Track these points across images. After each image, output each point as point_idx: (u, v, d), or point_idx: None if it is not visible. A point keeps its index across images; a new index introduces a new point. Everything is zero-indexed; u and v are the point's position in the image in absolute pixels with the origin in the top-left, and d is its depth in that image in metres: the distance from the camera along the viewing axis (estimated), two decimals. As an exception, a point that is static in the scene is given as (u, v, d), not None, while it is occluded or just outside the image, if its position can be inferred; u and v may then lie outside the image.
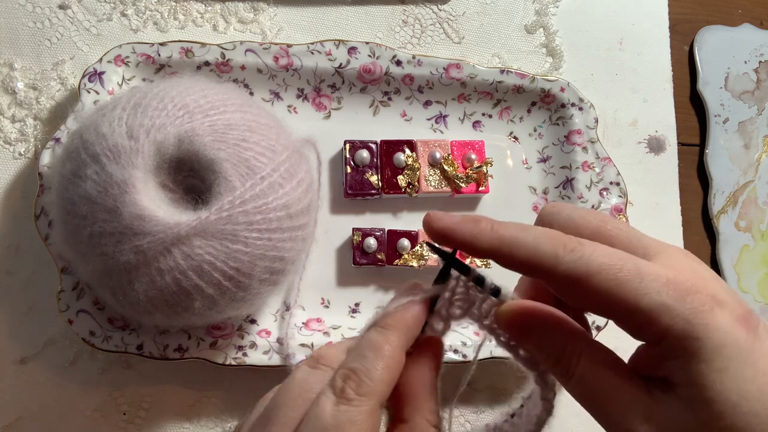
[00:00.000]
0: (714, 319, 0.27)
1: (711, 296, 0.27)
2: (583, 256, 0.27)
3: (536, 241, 0.28)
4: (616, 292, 0.27)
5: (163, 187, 0.41)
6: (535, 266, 0.28)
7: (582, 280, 0.27)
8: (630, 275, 0.27)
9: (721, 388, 0.26)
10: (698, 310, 0.27)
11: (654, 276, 0.27)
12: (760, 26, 0.61)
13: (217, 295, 0.40)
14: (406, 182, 0.52)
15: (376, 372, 0.27)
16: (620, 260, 0.27)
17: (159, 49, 0.50)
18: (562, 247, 0.28)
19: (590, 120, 0.54)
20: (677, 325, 0.26)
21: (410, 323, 0.29)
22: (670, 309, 0.26)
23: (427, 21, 0.56)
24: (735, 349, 0.26)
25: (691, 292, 0.27)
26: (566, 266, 0.27)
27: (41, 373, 0.49)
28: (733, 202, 0.58)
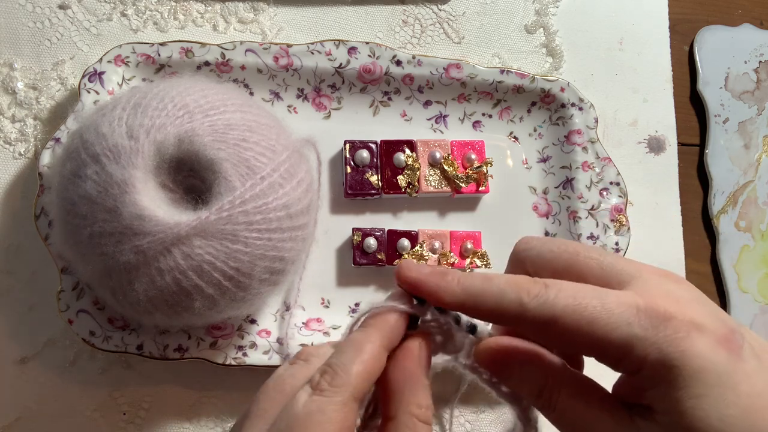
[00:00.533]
0: (691, 345, 0.26)
1: (688, 321, 0.27)
2: (547, 301, 0.27)
3: (500, 290, 0.28)
4: (585, 330, 0.27)
5: (163, 187, 0.41)
6: (502, 316, 0.28)
7: (549, 324, 0.27)
8: (596, 312, 0.27)
9: (702, 415, 0.26)
10: (672, 337, 0.26)
11: (624, 308, 0.27)
12: (760, 26, 0.61)
13: (217, 295, 0.40)
14: (406, 182, 0.52)
15: (351, 366, 0.28)
16: (584, 298, 0.27)
17: (159, 49, 0.50)
18: (525, 294, 0.28)
19: (590, 120, 0.54)
20: (651, 355, 0.26)
21: (392, 324, 0.30)
22: (642, 339, 0.26)
23: (427, 21, 0.56)
24: (714, 375, 0.26)
25: (664, 319, 0.27)
26: (532, 313, 0.27)
27: (41, 373, 0.49)
28: (733, 202, 0.58)
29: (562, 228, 0.54)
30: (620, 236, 0.53)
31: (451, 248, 0.52)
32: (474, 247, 0.52)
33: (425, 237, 0.52)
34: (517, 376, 0.30)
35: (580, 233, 0.53)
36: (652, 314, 0.27)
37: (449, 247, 0.52)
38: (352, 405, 0.27)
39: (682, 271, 0.57)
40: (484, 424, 0.52)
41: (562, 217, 0.54)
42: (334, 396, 0.27)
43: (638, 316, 0.27)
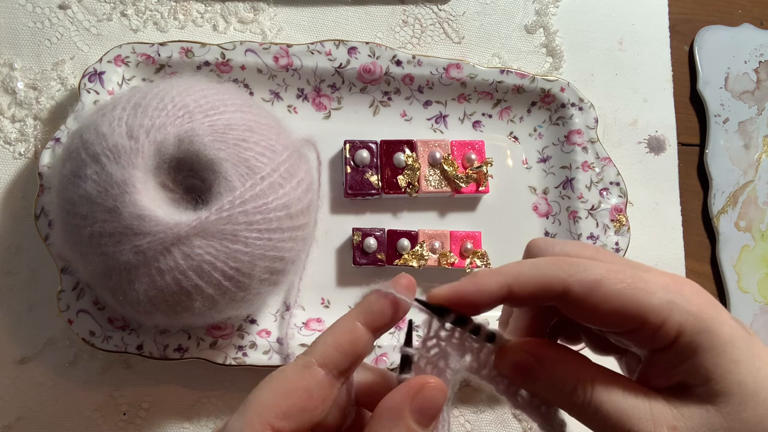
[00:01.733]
0: (719, 314, 0.28)
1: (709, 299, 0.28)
2: (587, 268, 0.28)
3: (539, 268, 0.28)
4: (627, 294, 0.27)
5: (163, 187, 0.41)
6: (547, 292, 0.28)
7: (593, 288, 0.27)
8: (635, 278, 0.28)
9: (739, 379, 0.27)
10: (704, 307, 0.27)
11: (656, 279, 0.28)
12: (760, 26, 0.61)
13: (217, 295, 0.40)
14: (406, 182, 0.52)
15: (321, 336, 0.29)
16: (622, 267, 0.28)
17: (159, 49, 0.50)
18: (564, 263, 0.28)
19: (590, 120, 0.54)
20: (689, 321, 0.27)
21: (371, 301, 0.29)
22: (679, 306, 0.27)
23: (427, 21, 0.56)
24: (744, 342, 0.27)
25: (693, 292, 0.28)
26: (574, 278, 0.27)
27: (41, 373, 0.49)
28: (733, 202, 0.58)
29: (562, 228, 0.54)
30: (620, 236, 0.53)
31: (451, 248, 0.52)
32: (474, 247, 0.52)
33: (425, 237, 0.52)
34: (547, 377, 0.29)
35: (580, 233, 0.53)
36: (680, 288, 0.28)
37: (449, 247, 0.52)
38: (314, 369, 0.28)
39: (682, 271, 0.57)
40: (484, 424, 0.52)
41: (562, 217, 0.54)
42: (297, 360, 0.28)
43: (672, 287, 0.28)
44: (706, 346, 0.27)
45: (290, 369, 0.28)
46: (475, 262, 0.52)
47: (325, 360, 0.28)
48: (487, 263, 0.52)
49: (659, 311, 0.27)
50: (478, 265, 0.52)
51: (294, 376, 0.27)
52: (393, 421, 0.27)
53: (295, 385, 0.27)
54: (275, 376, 0.28)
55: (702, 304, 0.27)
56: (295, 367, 0.28)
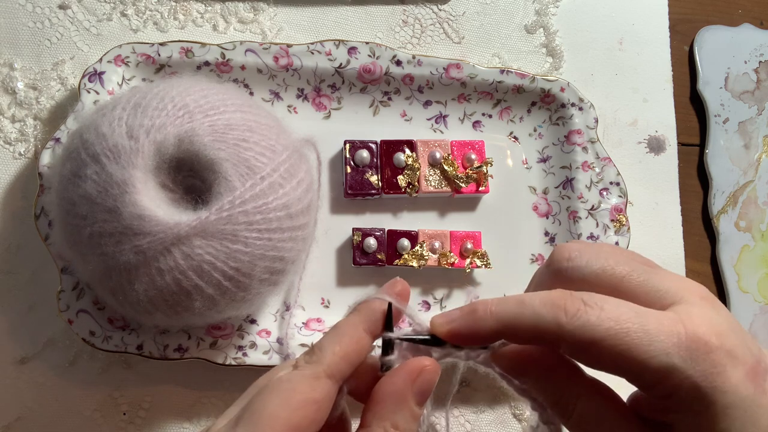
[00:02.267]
0: (724, 382, 0.26)
1: (725, 353, 0.27)
2: (587, 323, 0.27)
3: (536, 314, 0.28)
4: (625, 355, 0.27)
5: (163, 187, 0.41)
6: (540, 338, 0.28)
7: (588, 346, 0.27)
8: (637, 338, 0.27)
9: None
10: (709, 372, 0.26)
11: (664, 335, 0.27)
12: (760, 26, 0.61)
13: (217, 295, 0.40)
14: (406, 182, 0.52)
15: (328, 345, 0.29)
16: (627, 322, 0.27)
17: (159, 49, 0.50)
18: (563, 314, 0.27)
19: (590, 120, 0.54)
20: (686, 386, 0.26)
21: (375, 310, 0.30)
22: (680, 370, 0.26)
23: (427, 21, 0.56)
24: (741, 410, 0.27)
25: (704, 351, 0.27)
26: (570, 334, 0.27)
27: (41, 373, 0.49)
28: (733, 202, 0.58)
29: (562, 228, 0.54)
30: (620, 236, 0.53)
31: (451, 248, 0.52)
32: (474, 247, 0.52)
33: (425, 237, 0.52)
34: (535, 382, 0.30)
35: (580, 233, 0.53)
36: (692, 345, 0.27)
37: (449, 247, 0.52)
38: (323, 380, 0.28)
39: (682, 271, 0.57)
40: (484, 424, 0.52)
41: (562, 217, 0.54)
42: (304, 370, 0.28)
43: (678, 347, 0.26)
44: (698, 411, 0.27)
45: (299, 380, 0.28)
46: (475, 262, 0.52)
47: (333, 370, 0.28)
48: (487, 263, 0.52)
49: (656, 373, 0.27)
50: (478, 265, 0.52)
51: (304, 388, 0.27)
52: (396, 405, 0.28)
53: (306, 397, 0.27)
54: (284, 387, 0.27)
55: (707, 370, 0.26)
56: (305, 378, 0.28)
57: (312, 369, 0.28)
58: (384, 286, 0.32)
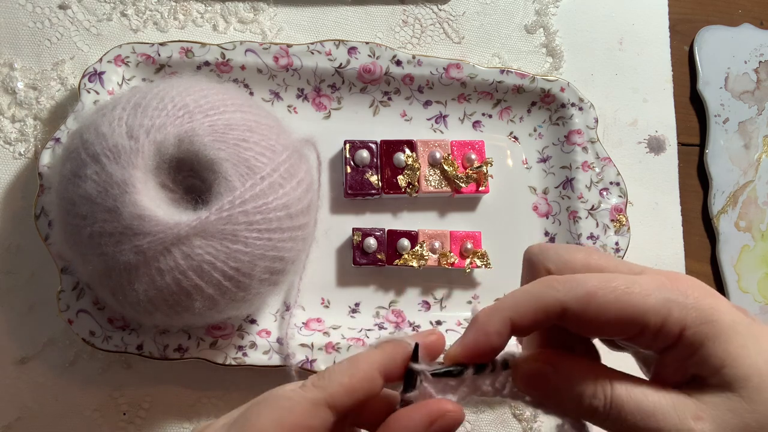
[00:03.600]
0: (718, 303, 0.28)
1: (707, 290, 0.28)
2: (578, 282, 0.28)
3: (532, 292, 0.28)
4: (623, 300, 0.27)
5: (163, 187, 0.41)
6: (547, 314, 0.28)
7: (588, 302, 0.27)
8: (627, 284, 0.28)
9: (750, 362, 0.27)
10: (702, 298, 0.28)
11: (650, 280, 0.28)
12: (760, 26, 0.61)
13: (217, 295, 0.40)
14: (406, 182, 0.52)
15: (338, 375, 0.28)
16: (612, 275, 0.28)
17: (159, 49, 0.50)
18: (556, 283, 0.28)
19: (590, 120, 0.54)
20: (690, 315, 0.27)
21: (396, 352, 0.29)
22: (677, 302, 0.27)
23: (427, 21, 0.56)
24: (746, 327, 0.28)
25: (688, 285, 0.28)
26: (569, 295, 0.27)
27: (41, 373, 0.49)
28: (733, 202, 0.58)
29: (562, 228, 0.54)
30: (620, 236, 0.53)
31: (451, 248, 0.52)
32: (474, 247, 0.52)
33: (425, 237, 0.52)
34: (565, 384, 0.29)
35: (580, 233, 0.53)
36: (675, 284, 0.28)
37: (449, 247, 0.52)
38: (322, 408, 0.27)
39: (682, 271, 0.57)
40: (484, 424, 0.52)
41: (562, 217, 0.54)
42: (307, 393, 0.27)
43: (665, 285, 0.28)
44: (711, 336, 0.27)
45: (299, 401, 0.27)
46: (475, 262, 0.52)
47: (335, 402, 0.27)
48: (487, 263, 0.52)
49: (658, 311, 0.27)
50: (478, 265, 0.52)
51: (301, 411, 0.27)
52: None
53: (300, 421, 0.27)
54: (281, 404, 0.27)
55: (699, 297, 0.28)
56: (304, 401, 0.27)
57: (315, 394, 0.27)
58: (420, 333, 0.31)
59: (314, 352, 0.49)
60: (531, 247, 0.33)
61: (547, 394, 0.29)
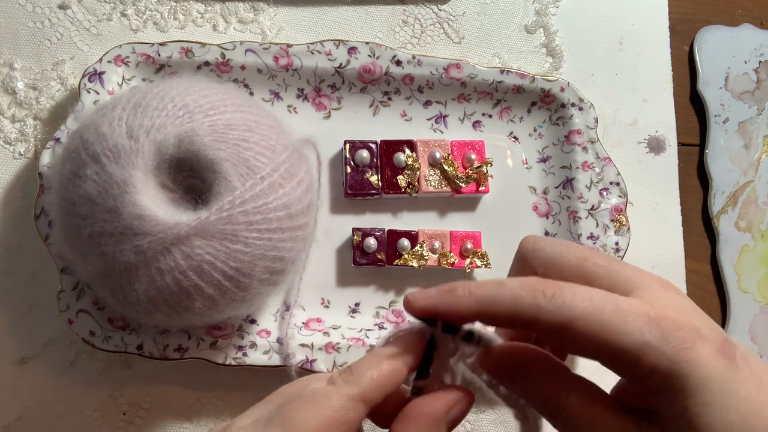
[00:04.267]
0: (697, 355, 0.27)
1: (693, 330, 0.28)
2: (564, 303, 0.28)
3: (514, 294, 0.28)
4: (600, 335, 0.27)
5: (163, 187, 0.41)
6: (518, 320, 0.28)
7: (565, 326, 0.27)
8: (612, 317, 0.27)
9: (707, 421, 0.27)
10: (681, 347, 0.27)
11: (635, 314, 0.27)
12: (760, 26, 0.61)
13: (217, 295, 0.40)
14: (406, 182, 0.52)
15: (366, 370, 0.29)
16: (600, 302, 0.28)
17: (159, 49, 0.50)
18: (541, 296, 0.28)
19: (590, 120, 0.54)
20: (662, 364, 0.27)
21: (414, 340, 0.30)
22: (654, 348, 0.27)
23: (427, 21, 0.56)
24: (717, 383, 0.27)
25: (673, 329, 0.27)
26: (548, 315, 0.28)
27: (41, 373, 0.49)
28: (733, 202, 0.58)
29: (562, 228, 0.54)
30: (620, 236, 0.53)
31: (451, 248, 0.52)
32: (474, 247, 0.52)
33: (425, 237, 0.52)
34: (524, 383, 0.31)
35: (580, 233, 0.53)
36: (661, 323, 0.27)
37: (449, 247, 0.52)
38: (356, 403, 0.28)
39: (682, 271, 0.57)
40: (484, 424, 0.52)
41: (562, 217, 0.54)
42: (340, 388, 0.28)
43: (650, 325, 0.27)
44: (676, 388, 0.27)
45: (336, 397, 0.28)
46: (475, 262, 0.52)
47: (368, 397, 0.29)
48: (487, 263, 0.52)
49: (632, 352, 0.27)
50: (478, 265, 0.52)
51: (339, 406, 0.28)
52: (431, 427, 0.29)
53: (340, 417, 0.28)
54: (320, 401, 0.28)
55: (679, 345, 0.27)
56: (341, 396, 0.28)
57: (349, 390, 0.28)
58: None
59: (314, 352, 0.49)
60: (525, 240, 0.33)
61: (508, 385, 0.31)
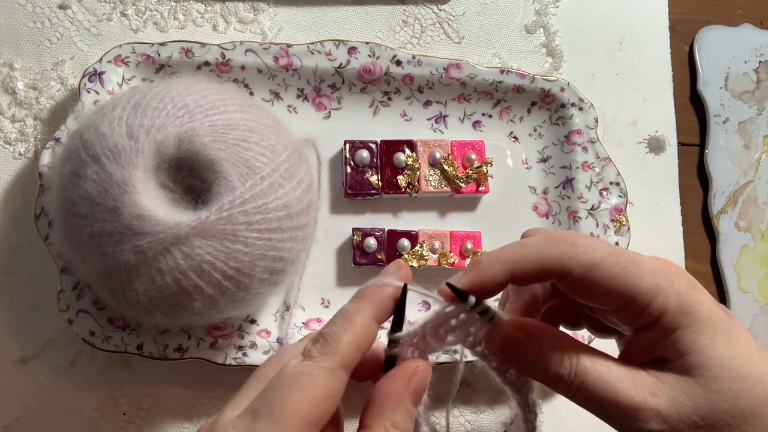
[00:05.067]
0: (700, 297, 0.30)
1: (694, 284, 0.31)
2: (586, 250, 0.30)
3: (539, 249, 0.31)
4: (620, 278, 0.30)
5: (163, 187, 0.41)
6: (546, 272, 0.31)
7: (590, 271, 0.30)
8: (628, 263, 0.30)
9: (714, 354, 0.30)
10: (687, 289, 0.30)
11: (646, 263, 0.31)
12: (760, 26, 0.61)
13: (217, 295, 0.40)
14: (406, 182, 0.52)
15: (341, 335, 0.29)
16: (617, 250, 0.31)
17: (159, 49, 0.50)
18: (564, 245, 0.30)
19: (590, 120, 0.54)
20: (672, 302, 0.30)
21: (384, 297, 0.31)
22: (664, 289, 0.30)
23: (427, 21, 0.56)
24: (721, 323, 0.30)
25: (677, 275, 0.31)
26: (574, 261, 0.30)
27: (41, 373, 0.49)
28: (733, 202, 0.58)
29: (562, 228, 0.54)
30: (620, 236, 0.53)
31: (451, 248, 0.52)
32: (474, 247, 0.52)
33: (425, 237, 0.52)
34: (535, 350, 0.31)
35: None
36: (668, 272, 0.31)
37: (449, 247, 0.52)
38: (339, 372, 0.29)
39: (682, 271, 0.57)
40: (484, 424, 0.52)
41: (562, 217, 0.54)
42: (321, 362, 0.28)
43: (659, 272, 0.30)
44: (685, 324, 0.30)
45: (318, 373, 0.28)
46: (475, 262, 0.52)
47: (348, 361, 0.29)
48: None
49: (646, 293, 0.30)
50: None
51: (324, 382, 0.28)
52: (395, 405, 0.29)
53: (326, 392, 0.28)
54: (304, 381, 0.28)
55: (684, 288, 0.30)
56: (323, 371, 0.28)
57: (329, 362, 0.28)
58: (386, 269, 0.33)
59: (314, 352, 0.49)
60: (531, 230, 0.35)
61: (518, 357, 0.32)
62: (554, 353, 0.31)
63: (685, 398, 0.29)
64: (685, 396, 0.29)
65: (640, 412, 0.29)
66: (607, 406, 0.30)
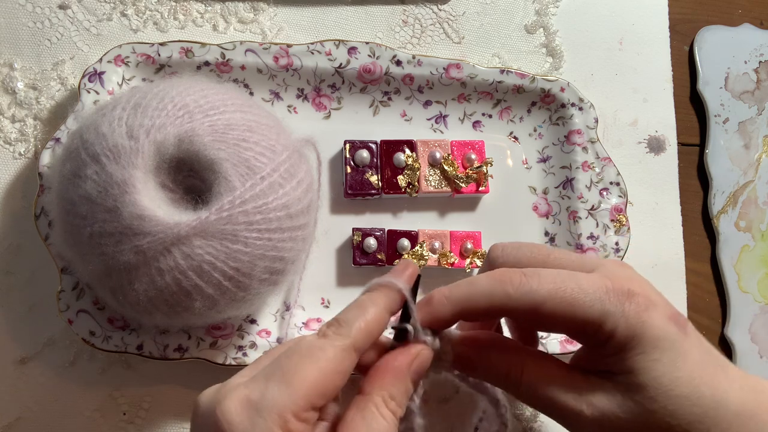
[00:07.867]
0: (650, 318, 0.31)
1: (646, 298, 0.32)
2: (531, 289, 0.32)
3: (486, 289, 0.32)
4: (567, 312, 0.31)
5: (163, 187, 0.41)
6: (493, 312, 0.33)
7: (536, 309, 0.32)
8: (575, 293, 0.31)
9: (655, 375, 0.31)
10: (635, 311, 0.31)
11: (595, 287, 0.32)
12: (760, 26, 0.61)
13: (217, 295, 0.40)
14: (406, 182, 0.52)
15: (354, 321, 0.31)
16: (563, 282, 0.32)
17: (159, 49, 0.50)
18: (509, 286, 0.32)
19: (590, 120, 0.54)
20: (620, 326, 0.31)
21: (395, 290, 0.33)
22: (612, 314, 0.31)
23: (427, 21, 0.56)
24: (668, 342, 0.32)
25: (628, 296, 0.32)
26: (518, 301, 0.32)
27: (41, 373, 0.49)
28: (733, 202, 0.58)
29: (562, 228, 0.54)
30: (620, 236, 0.53)
31: (451, 248, 0.52)
32: (474, 247, 0.52)
33: (425, 237, 0.52)
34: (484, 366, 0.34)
35: (580, 233, 0.53)
36: (618, 292, 0.32)
37: (449, 247, 0.52)
38: (350, 353, 0.30)
39: (682, 271, 0.57)
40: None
41: (562, 217, 0.54)
42: (335, 341, 0.30)
43: (608, 295, 0.32)
44: (631, 346, 0.31)
45: (330, 348, 0.30)
46: (475, 262, 0.52)
47: (359, 345, 0.31)
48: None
49: (594, 321, 0.31)
50: (478, 265, 0.52)
51: (337, 359, 0.30)
52: (396, 378, 0.31)
53: (337, 368, 0.30)
54: (317, 354, 0.29)
55: (633, 311, 0.31)
56: (336, 348, 0.30)
57: (342, 341, 0.30)
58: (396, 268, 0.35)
59: (314, 352, 0.49)
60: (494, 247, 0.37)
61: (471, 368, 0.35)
62: (501, 365, 0.34)
63: (619, 412, 0.31)
64: (619, 410, 0.31)
65: (578, 418, 0.32)
66: (551, 408, 0.33)
